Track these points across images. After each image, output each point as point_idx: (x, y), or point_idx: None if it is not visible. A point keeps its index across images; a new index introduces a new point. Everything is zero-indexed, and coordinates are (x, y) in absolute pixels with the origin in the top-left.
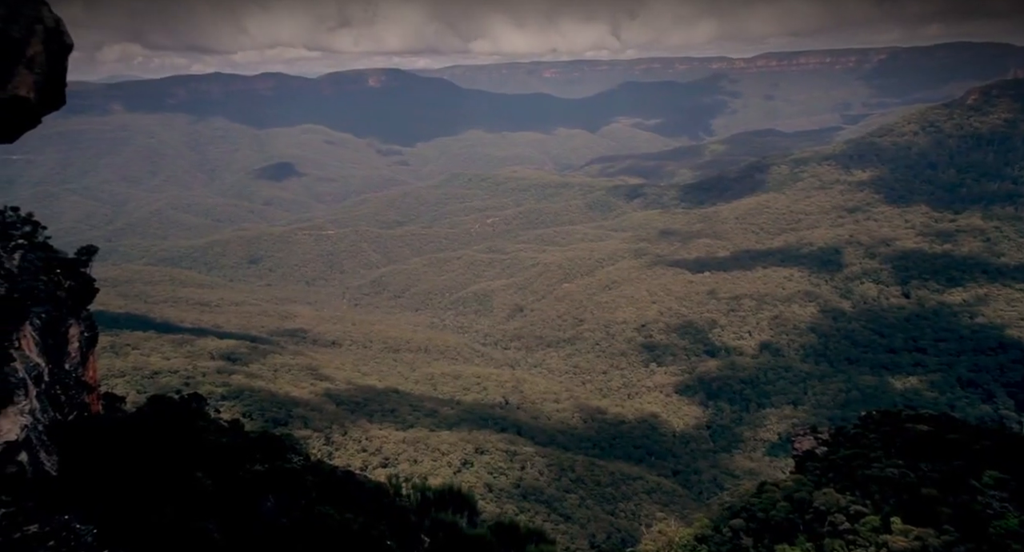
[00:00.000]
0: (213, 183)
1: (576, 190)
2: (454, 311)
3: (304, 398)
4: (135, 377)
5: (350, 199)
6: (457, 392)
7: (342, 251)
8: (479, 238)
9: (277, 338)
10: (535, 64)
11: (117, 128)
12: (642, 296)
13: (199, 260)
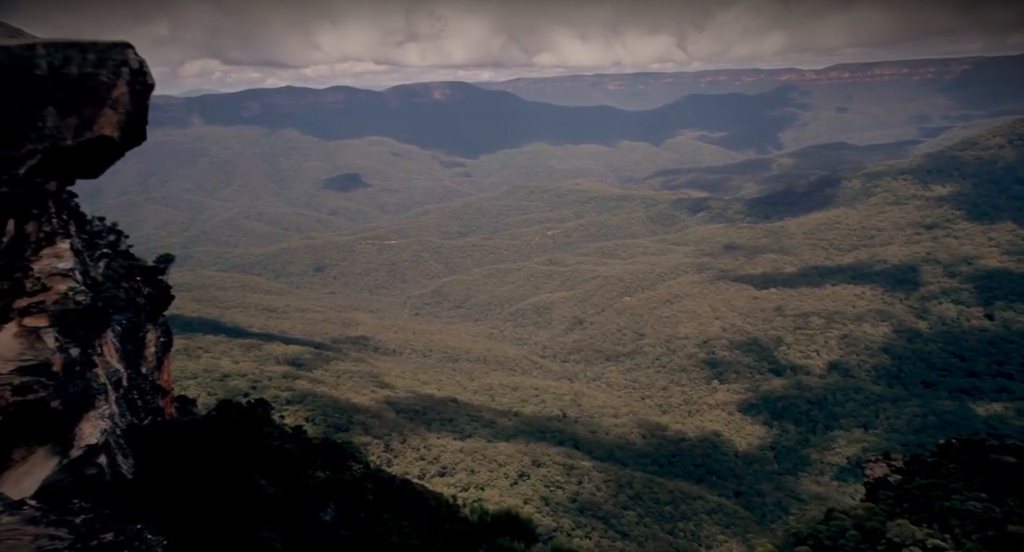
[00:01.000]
0: (283, 193)
1: (638, 203)
2: (513, 322)
3: (365, 405)
4: (206, 379)
5: (413, 210)
6: (515, 404)
7: (404, 261)
8: (539, 250)
9: (340, 345)
10: (599, 76)
11: (195, 140)
12: (704, 311)
13: (268, 267)
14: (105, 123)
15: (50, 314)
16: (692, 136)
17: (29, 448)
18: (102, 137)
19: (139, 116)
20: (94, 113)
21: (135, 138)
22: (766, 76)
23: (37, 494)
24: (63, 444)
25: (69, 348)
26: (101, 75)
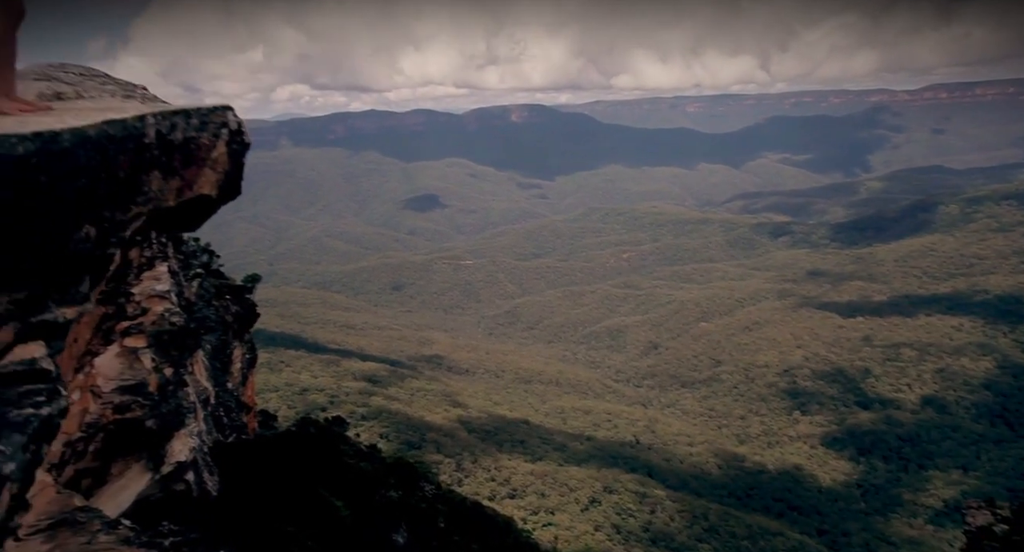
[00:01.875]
0: (363, 213)
1: (716, 226)
2: (586, 345)
3: (438, 423)
4: (287, 393)
5: (489, 230)
6: (587, 428)
7: (479, 281)
8: (614, 273)
9: (415, 363)
10: (678, 99)
11: (283, 161)
12: (786, 339)
13: (347, 285)
14: (205, 183)
15: (148, 335)
16: (774, 159)
17: (126, 463)
18: (201, 196)
19: (236, 173)
20: (195, 174)
21: (232, 193)
22: (855, 97)
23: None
24: (155, 460)
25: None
26: (202, 138)
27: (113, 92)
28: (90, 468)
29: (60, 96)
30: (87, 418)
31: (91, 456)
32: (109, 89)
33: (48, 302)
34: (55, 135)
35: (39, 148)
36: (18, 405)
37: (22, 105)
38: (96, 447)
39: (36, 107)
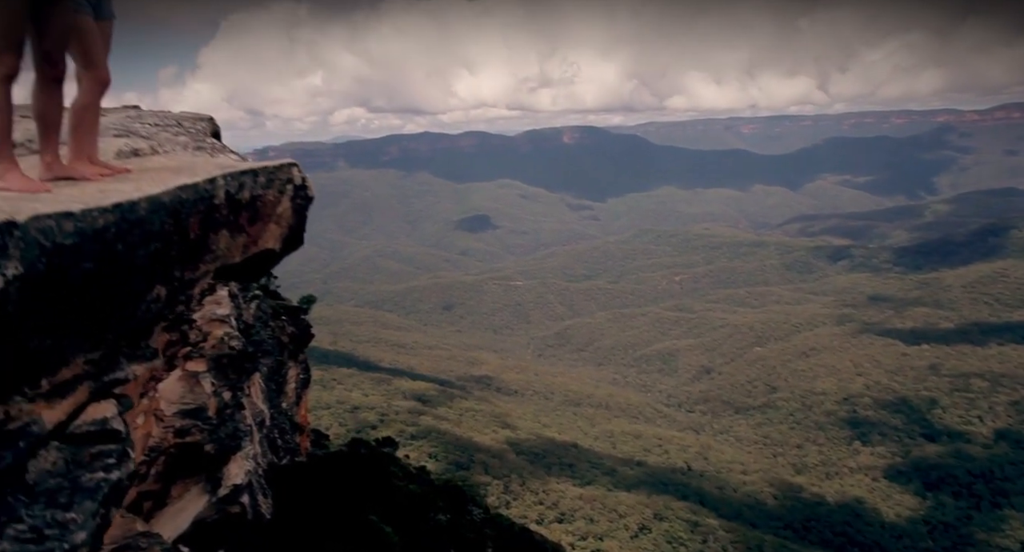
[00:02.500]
0: (415, 233)
1: (772, 249)
2: (637, 368)
3: (486, 444)
4: (338, 410)
5: (539, 251)
6: (637, 452)
7: (529, 302)
8: (666, 295)
9: (464, 383)
10: (732, 120)
11: (340, 182)
12: (845, 366)
13: (399, 304)
14: (269, 237)
15: (208, 359)
16: (833, 180)
17: (185, 486)
18: (266, 250)
19: (299, 226)
20: (260, 230)
21: (295, 245)
22: (919, 117)
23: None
24: (213, 483)
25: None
26: (268, 194)
27: (185, 145)
28: (151, 491)
29: (137, 153)
30: (150, 442)
31: (153, 479)
32: (181, 141)
33: (120, 358)
34: (133, 205)
35: (118, 218)
36: (90, 468)
37: (103, 169)
38: (158, 470)
39: (115, 170)
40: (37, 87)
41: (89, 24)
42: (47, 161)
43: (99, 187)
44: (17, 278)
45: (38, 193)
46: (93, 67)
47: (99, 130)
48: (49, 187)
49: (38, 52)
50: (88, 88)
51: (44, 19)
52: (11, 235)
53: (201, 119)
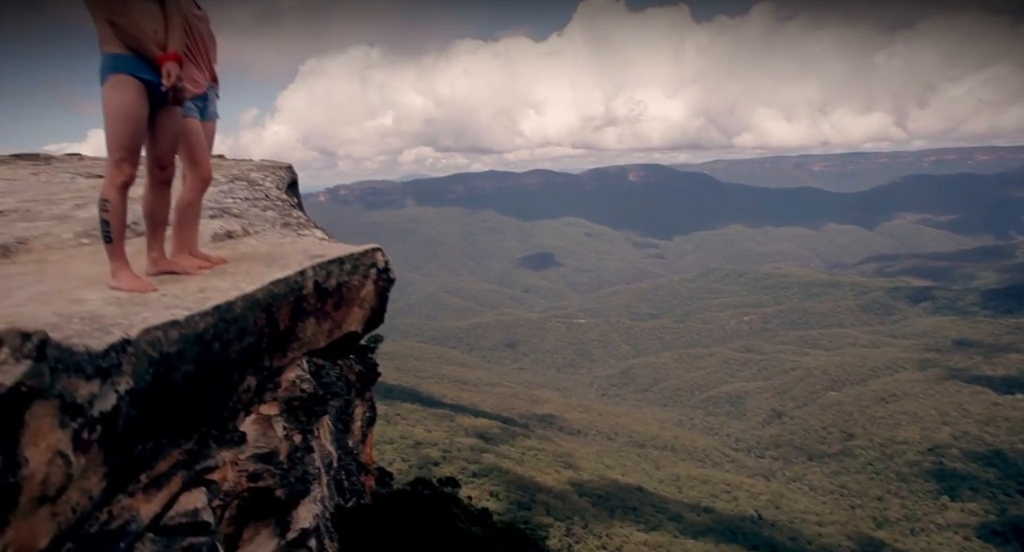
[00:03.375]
0: (480, 270)
1: (847, 290)
2: (704, 410)
3: (548, 484)
4: (401, 445)
5: (604, 289)
6: (704, 498)
7: (592, 340)
8: (733, 336)
9: (527, 421)
10: (803, 157)
11: (407, 220)
12: (929, 414)
13: (462, 340)
14: (353, 321)
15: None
16: (912, 219)
17: (256, 529)
18: (349, 333)
19: (381, 307)
20: (344, 314)
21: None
22: (1007, 154)
23: None
24: (282, 526)
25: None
26: (353, 280)
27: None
28: (224, 534)
29: (231, 234)
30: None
31: (226, 523)
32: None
33: (211, 444)
34: (230, 304)
35: (217, 319)
36: None
37: (202, 262)
38: (231, 514)
39: (213, 262)
40: (148, 188)
41: (196, 126)
42: (153, 257)
43: (199, 285)
44: (128, 392)
45: (146, 293)
46: (198, 166)
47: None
48: (156, 287)
49: (151, 157)
50: (192, 186)
51: (158, 126)
52: (125, 352)
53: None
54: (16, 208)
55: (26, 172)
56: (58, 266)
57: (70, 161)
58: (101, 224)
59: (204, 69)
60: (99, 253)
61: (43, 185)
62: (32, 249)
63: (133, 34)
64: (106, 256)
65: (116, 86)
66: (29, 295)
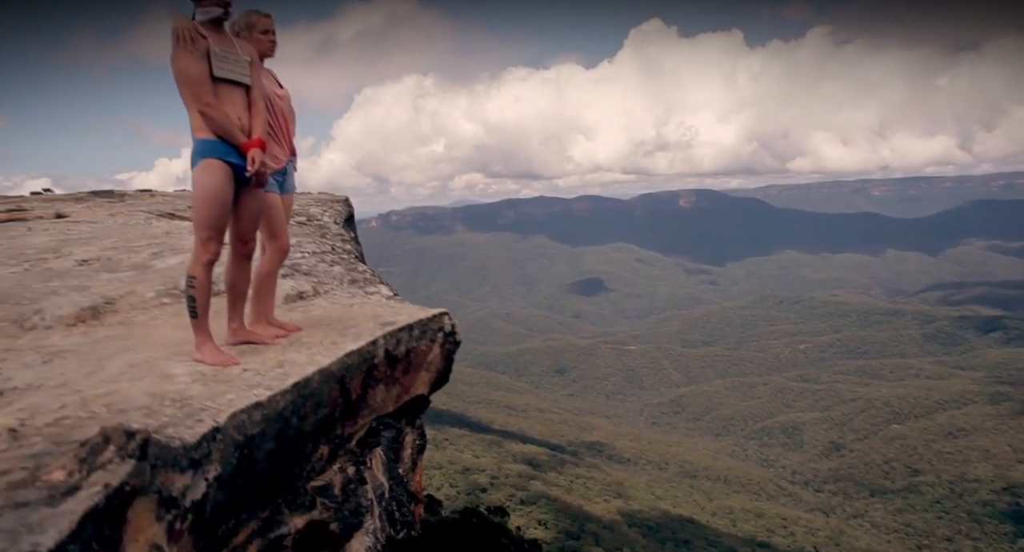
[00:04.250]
0: (529, 295)
1: (909, 318)
2: (758, 441)
3: (598, 514)
4: (449, 470)
5: (654, 316)
6: (760, 532)
7: (643, 367)
8: (789, 364)
9: (575, 448)
10: (861, 182)
11: (457, 245)
12: (1003, 451)
13: (511, 365)
14: (420, 384)
15: None
16: (980, 246)
17: None
18: (416, 397)
19: (447, 369)
20: (412, 379)
21: (441, 385)
22: None
23: None
24: None
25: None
26: (421, 345)
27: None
28: None
29: (302, 295)
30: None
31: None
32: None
33: (283, 510)
34: (308, 380)
35: (295, 396)
36: None
37: (278, 331)
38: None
39: (288, 330)
40: (230, 262)
41: (275, 201)
42: (234, 327)
43: (277, 358)
44: (216, 478)
45: (229, 367)
46: (276, 239)
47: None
48: (237, 360)
49: (234, 233)
50: (271, 257)
51: (241, 205)
52: (215, 440)
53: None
54: (99, 256)
55: (104, 212)
56: (143, 329)
57: (142, 198)
58: (187, 300)
59: (284, 144)
60: (180, 315)
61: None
62: (119, 309)
63: (221, 122)
64: (185, 316)
65: (206, 170)
66: (120, 367)
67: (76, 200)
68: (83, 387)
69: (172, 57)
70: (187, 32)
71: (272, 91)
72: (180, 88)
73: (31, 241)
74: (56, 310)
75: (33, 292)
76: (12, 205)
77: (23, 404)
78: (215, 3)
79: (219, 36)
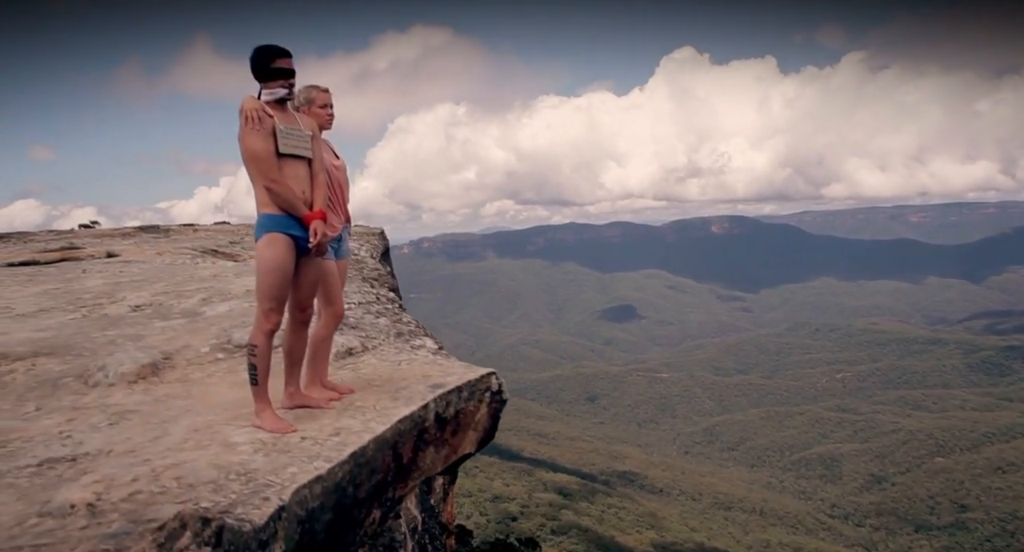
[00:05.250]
0: (559, 322)
1: (952, 347)
2: (795, 473)
3: (629, 545)
4: (479, 498)
5: (686, 343)
6: None
7: (675, 395)
8: (826, 394)
9: (607, 477)
10: (898, 208)
11: (487, 272)
12: None
13: (541, 393)
14: (467, 444)
15: None
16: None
17: None
18: (463, 455)
19: (493, 427)
20: (460, 440)
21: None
22: None
23: None
24: None
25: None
26: (469, 406)
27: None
28: None
29: (351, 352)
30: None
31: None
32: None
33: None
34: (364, 449)
35: (352, 466)
36: None
37: (332, 394)
38: None
39: (341, 392)
40: (288, 329)
41: (332, 267)
42: (290, 391)
43: (333, 425)
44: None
45: (287, 434)
46: (332, 304)
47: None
48: (296, 428)
49: (293, 301)
50: (326, 322)
51: (301, 274)
52: (280, 519)
53: (373, 234)
54: (151, 302)
55: (152, 250)
56: (201, 388)
57: (185, 233)
58: (249, 367)
59: (340, 213)
60: (234, 372)
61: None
62: (176, 365)
63: (286, 197)
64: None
65: (270, 244)
66: (184, 433)
67: (123, 236)
68: (151, 455)
69: (240, 136)
70: (255, 112)
71: (330, 162)
72: (247, 165)
73: (87, 284)
74: (118, 367)
75: (92, 342)
76: (65, 242)
77: (98, 475)
78: (281, 84)
79: (283, 114)
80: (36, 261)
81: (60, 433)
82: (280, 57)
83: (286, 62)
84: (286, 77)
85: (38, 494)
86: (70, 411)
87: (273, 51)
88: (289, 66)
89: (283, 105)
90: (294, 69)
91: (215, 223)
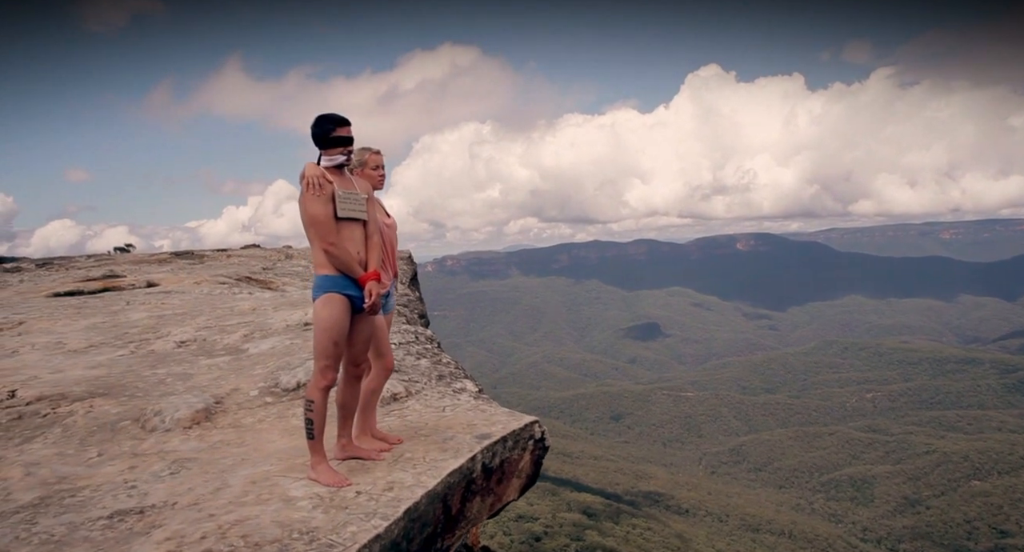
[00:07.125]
0: (583, 340)
1: (988, 367)
2: (824, 494)
3: None
4: (503, 518)
5: (712, 361)
6: None
7: (700, 414)
8: (856, 414)
9: (632, 497)
10: (929, 225)
11: (511, 289)
12: None
13: (565, 411)
14: (511, 491)
15: None
16: None
17: None
18: (507, 502)
19: (536, 474)
20: (504, 488)
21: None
22: None
23: None
24: None
25: None
26: (514, 455)
27: (428, 372)
28: None
29: (396, 397)
30: None
31: None
32: (424, 368)
33: None
34: (416, 505)
35: (407, 521)
36: None
37: (382, 445)
38: None
39: (391, 443)
40: (342, 383)
41: (381, 322)
42: (343, 443)
43: (386, 479)
44: None
45: (343, 487)
46: (382, 357)
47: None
48: (350, 481)
49: (347, 356)
50: (376, 375)
51: (355, 331)
52: None
53: (401, 258)
54: (194, 337)
55: (190, 279)
56: (254, 436)
57: (218, 258)
58: (306, 422)
59: (389, 269)
60: (284, 418)
61: (208, 301)
62: (227, 409)
63: (344, 260)
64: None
65: (327, 304)
66: (243, 484)
67: (159, 262)
68: (215, 510)
69: (301, 200)
70: (316, 179)
71: (382, 221)
72: (307, 228)
73: (132, 317)
74: (174, 412)
75: (144, 381)
76: (106, 269)
77: (168, 531)
78: (340, 152)
79: (341, 178)
80: (81, 291)
81: (125, 482)
82: (340, 126)
83: (346, 131)
84: (345, 145)
85: (112, 549)
86: (131, 458)
87: (334, 119)
88: (348, 134)
89: (340, 169)
90: (352, 137)
91: (244, 246)
